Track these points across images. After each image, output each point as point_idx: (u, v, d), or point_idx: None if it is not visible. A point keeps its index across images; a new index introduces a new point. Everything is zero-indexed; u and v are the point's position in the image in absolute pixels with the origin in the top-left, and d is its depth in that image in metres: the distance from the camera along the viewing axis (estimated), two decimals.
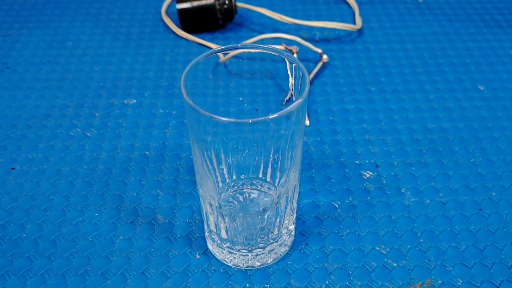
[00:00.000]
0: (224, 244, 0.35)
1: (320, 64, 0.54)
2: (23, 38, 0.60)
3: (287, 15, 0.62)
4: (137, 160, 0.44)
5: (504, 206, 0.40)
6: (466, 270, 0.35)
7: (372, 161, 0.44)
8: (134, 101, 0.51)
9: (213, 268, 0.35)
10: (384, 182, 0.42)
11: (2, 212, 0.40)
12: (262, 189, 0.35)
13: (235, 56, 0.34)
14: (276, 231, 0.34)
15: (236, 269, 0.35)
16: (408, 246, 0.37)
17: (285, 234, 0.35)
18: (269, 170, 0.34)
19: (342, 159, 0.44)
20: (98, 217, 0.39)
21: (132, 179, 0.42)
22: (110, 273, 0.35)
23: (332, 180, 0.42)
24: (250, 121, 0.27)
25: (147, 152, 0.45)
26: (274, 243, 0.35)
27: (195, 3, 0.58)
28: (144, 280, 0.35)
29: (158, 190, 0.41)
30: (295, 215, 0.36)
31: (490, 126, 0.47)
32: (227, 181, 0.34)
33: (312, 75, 0.53)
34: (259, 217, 0.33)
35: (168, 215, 0.39)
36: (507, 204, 0.40)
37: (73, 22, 0.63)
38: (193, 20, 0.59)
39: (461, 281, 0.34)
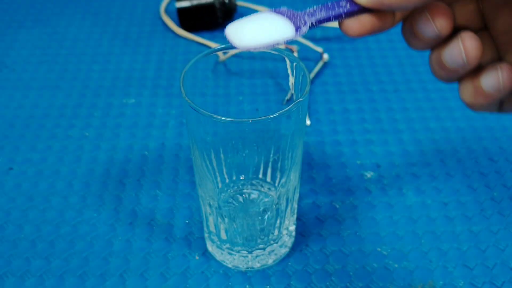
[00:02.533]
0: (224, 245, 0.34)
1: (320, 63, 0.54)
2: (21, 37, 0.60)
3: None
4: (135, 160, 0.44)
5: (506, 207, 0.39)
6: (467, 271, 0.35)
7: (373, 161, 0.43)
8: (133, 100, 0.50)
9: (212, 269, 0.35)
10: (385, 182, 0.41)
11: (0, 213, 0.39)
12: (262, 190, 0.35)
13: (235, 55, 0.34)
14: (276, 232, 0.34)
15: (236, 271, 0.35)
16: (409, 247, 0.36)
17: (286, 235, 0.35)
18: (269, 170, 0.33)
19: (343, 159, 0.43)
20: (96, 218, 0.39)
21: (131, 179, 0.42)
22: (109, 274, 0.35)
23: (333, 181, 0.42)
24: (250, 121, 0.27)
25: (146, 152, 0.44)
26: (274, 244, 0.34)
27: (194, 2, 0.58)
28: (143, 282, 0.34)
29: (156, 191, 0.41)
30: (295, 215, 0.35)
31: (492, 126, 0.47)
32: (227, 181, 0.34)
33: (312, 74, 0.53)
34: (259, 217, 0.33)
35: (167, 216, 0.39)
36: (509, 205, 0.39)
37: (72, 21, 0.63)
38: (192, 19, 0.58)
39: (462, 282, 0.34)
